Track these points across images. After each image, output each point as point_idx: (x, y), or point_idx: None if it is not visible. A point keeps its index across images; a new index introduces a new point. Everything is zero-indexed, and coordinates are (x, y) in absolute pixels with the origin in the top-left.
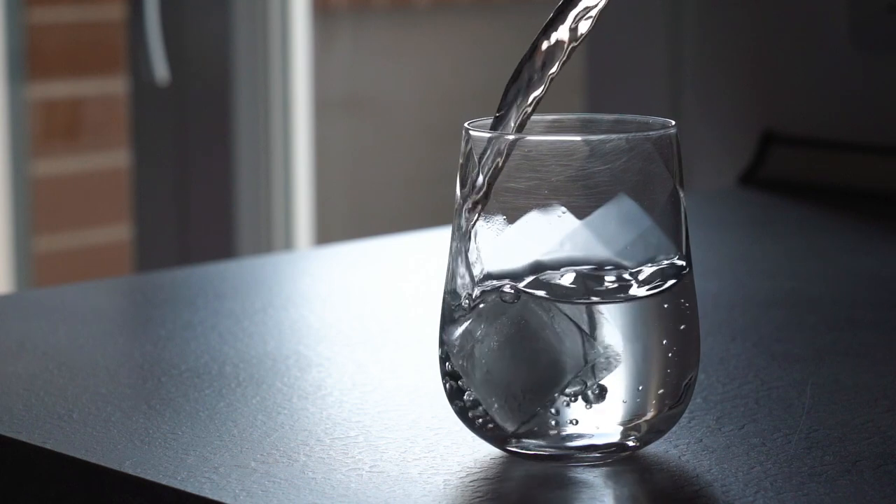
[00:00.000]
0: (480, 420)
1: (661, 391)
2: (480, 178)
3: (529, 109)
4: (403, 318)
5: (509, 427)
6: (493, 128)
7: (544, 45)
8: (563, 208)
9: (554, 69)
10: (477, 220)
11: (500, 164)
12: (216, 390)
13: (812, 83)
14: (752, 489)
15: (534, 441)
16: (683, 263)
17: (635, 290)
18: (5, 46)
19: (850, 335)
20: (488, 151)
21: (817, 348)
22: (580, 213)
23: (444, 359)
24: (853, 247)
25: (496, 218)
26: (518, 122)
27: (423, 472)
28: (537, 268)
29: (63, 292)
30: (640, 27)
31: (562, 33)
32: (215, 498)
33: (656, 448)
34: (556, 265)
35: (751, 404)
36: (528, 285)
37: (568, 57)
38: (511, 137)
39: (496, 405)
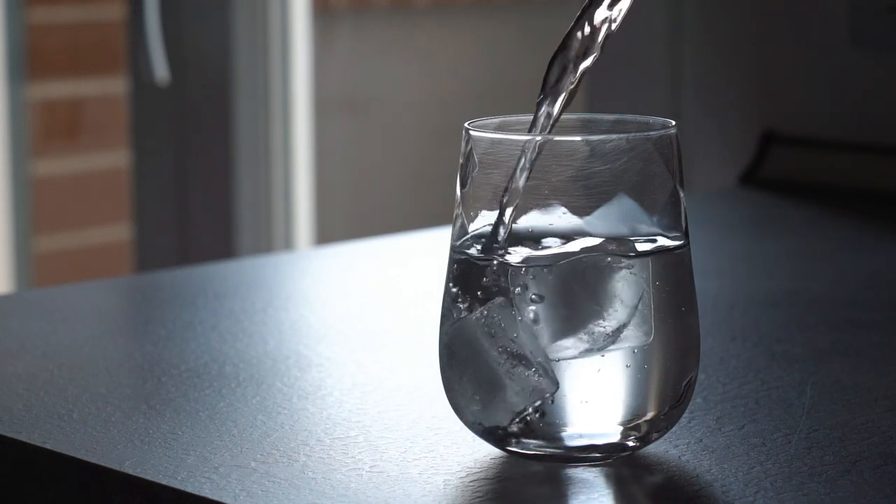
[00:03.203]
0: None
1: (661, 391)
2: (522, 181)
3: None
4: (403, 318)
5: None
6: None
7: (581, 33)
8: (564, 208)
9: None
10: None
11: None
12: (216, 390)
13: (812, 83)
14: (752, 489)
15: (534, 441)
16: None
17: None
18: (5, 46)
19: (850, 335)
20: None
21: (817, 348)
22: (580, 213)
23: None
24: (853, 247)
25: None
26: (561, 107)
27: (423, 472)
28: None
29: (63, 292)
30: (640, 27)
31: (599, 17)
32: (215, 498)
33: (656, 448)
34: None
35: (751, 404)
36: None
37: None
38: (526, 139)
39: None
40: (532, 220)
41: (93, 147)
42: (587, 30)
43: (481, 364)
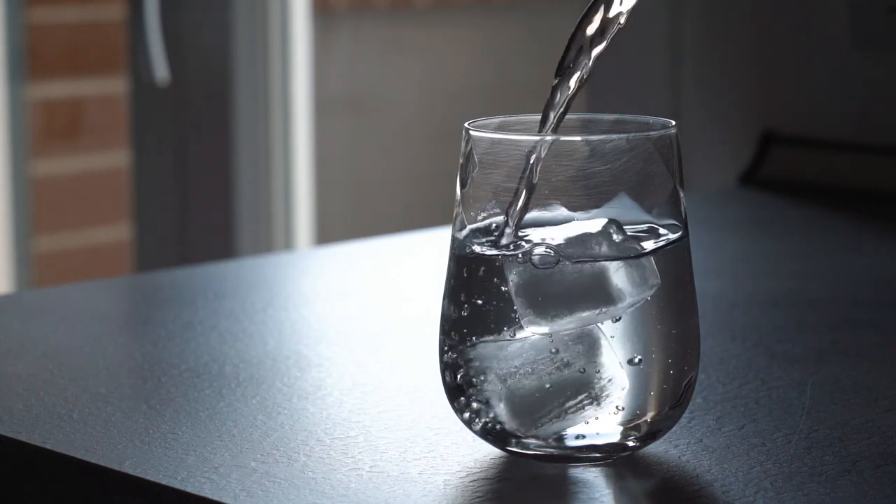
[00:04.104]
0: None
1: (661, 391)
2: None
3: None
4: (403, 318)
5: None
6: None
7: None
8: (564, 208)
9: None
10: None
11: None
12: (216, 390)
13: (812, 83)
14: (752, 489)
15: (534, 441)
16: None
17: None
18: (5, 46)
19: (850, 335)
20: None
21: (817, 348)
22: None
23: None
24: (853, 247)
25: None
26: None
27: (423, 472)
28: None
29: (63, 292)
30: (640, 27)
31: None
32: (215, 498)
33: (656, 448)
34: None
35: (751, 404)
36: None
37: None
38: (530, 139)
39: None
40: (532, 219)
41: (93, 147)
42: (602, 13)
43: (539, 389)
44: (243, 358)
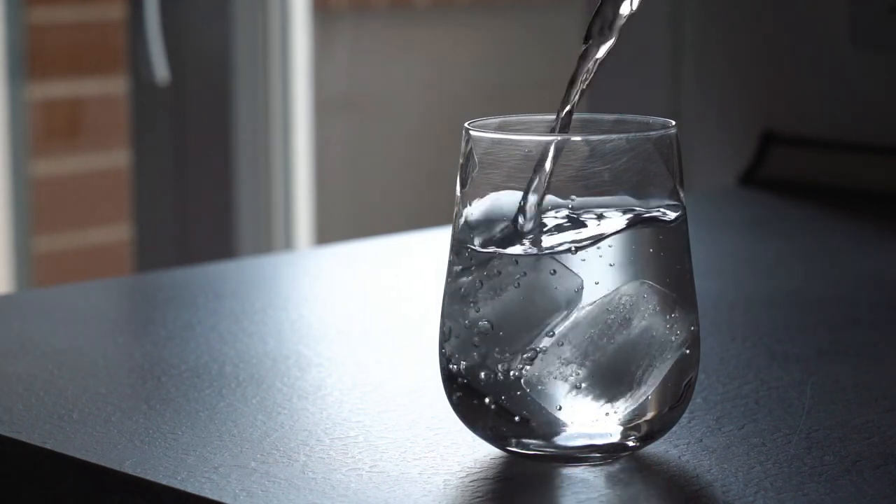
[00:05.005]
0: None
1: (661, 391)
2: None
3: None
4: (403, 318)
5: None
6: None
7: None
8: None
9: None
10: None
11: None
12: (216, 390)
13: (812, 83)
14: (752, 489)
15: (534, 441)
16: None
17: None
18: (5, 46)
19: (850, 335)
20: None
21: (817, 348)
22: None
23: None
24: (854, 247)
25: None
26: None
27: (423, 472)
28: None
29: (63, 292)
30: (640, 27)
31: None
32: (215, 498)
33: (656, 448)
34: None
35: (751, 404)
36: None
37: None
38: (545, 139)
39: None
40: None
41: (93, 147)
42: None
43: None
44: (243, 358)
